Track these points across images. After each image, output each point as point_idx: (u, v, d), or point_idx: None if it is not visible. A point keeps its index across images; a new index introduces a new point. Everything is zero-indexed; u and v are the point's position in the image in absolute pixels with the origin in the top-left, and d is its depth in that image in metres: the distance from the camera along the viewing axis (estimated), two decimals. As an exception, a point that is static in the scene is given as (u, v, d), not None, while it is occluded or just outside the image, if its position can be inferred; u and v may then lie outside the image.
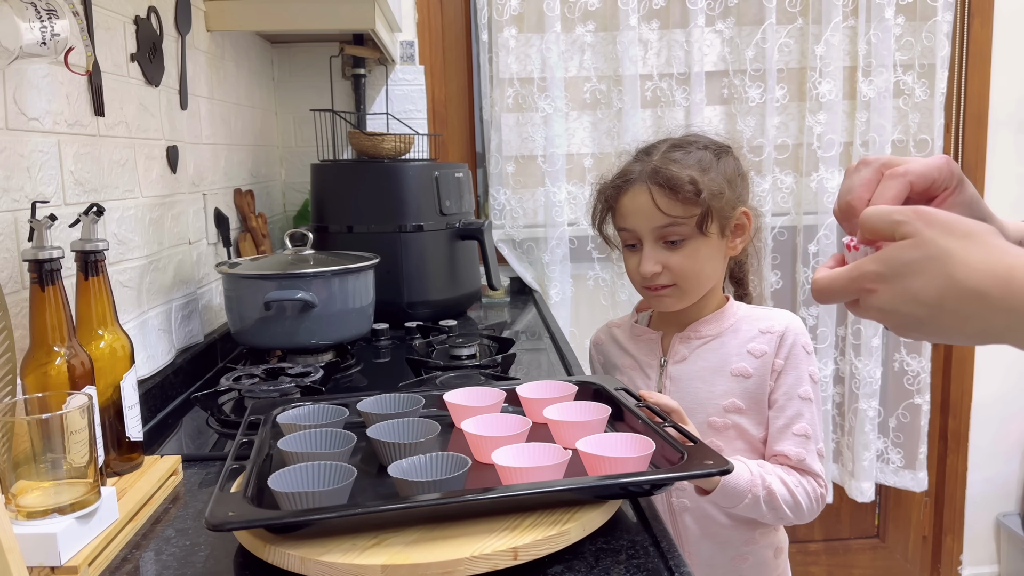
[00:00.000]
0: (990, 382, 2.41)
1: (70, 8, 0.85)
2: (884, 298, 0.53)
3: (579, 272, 2.21)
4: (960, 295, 0.51)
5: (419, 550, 0.65)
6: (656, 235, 1.10)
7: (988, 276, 0.50)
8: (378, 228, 1.66)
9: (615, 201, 1.14)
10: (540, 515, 0.70)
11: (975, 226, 0.52)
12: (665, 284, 1.11)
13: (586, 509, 0.71)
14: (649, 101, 2.16)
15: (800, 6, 2.14)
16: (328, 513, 0.66)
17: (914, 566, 2.52)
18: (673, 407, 0.98)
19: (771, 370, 1.10)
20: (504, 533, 0.67)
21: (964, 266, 0.50)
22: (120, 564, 0.73)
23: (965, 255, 0.51)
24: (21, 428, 0.69)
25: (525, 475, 0.72)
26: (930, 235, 0.51)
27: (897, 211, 0.54)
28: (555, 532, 0.67)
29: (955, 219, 0.52)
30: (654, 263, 1.10)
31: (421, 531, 0.68)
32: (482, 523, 0.69)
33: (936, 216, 0.52)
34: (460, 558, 0.64)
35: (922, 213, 0.53)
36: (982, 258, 0.50)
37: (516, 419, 0.87)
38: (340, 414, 0.92)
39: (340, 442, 0.83)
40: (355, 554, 0.65)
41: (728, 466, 0.72)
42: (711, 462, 0.73)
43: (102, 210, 0.87)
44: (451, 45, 2.23)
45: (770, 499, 1.03)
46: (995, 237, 0.52)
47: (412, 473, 0.74)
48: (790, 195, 2.23)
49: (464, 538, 0.66)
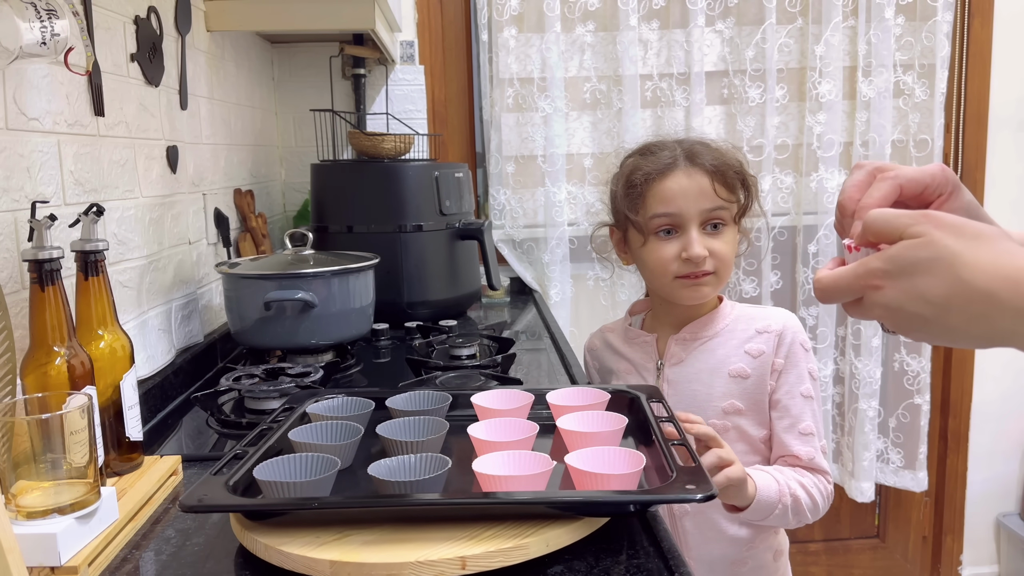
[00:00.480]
0: (990, 382, 2.41)
1: (70, 8, 0.85)
2: (891, 295, 0.52)
3: (579, 272, 2.21)
4: (968, 295, 0.50)
5: (371, 550, 0.65)
6: (702, 218, 1.09)
7: (997, 277, 0.50)
8: (378, 228, 1.66)
9: (650, 187, 1.10)
10: (505, 526, 0.68)
11: (984, 228, 0.52)
12: (708, 271, 1.09)
13: (554, 525, 0.68)
14: (649, 101, 2.16)
15: (800, 6, 2.14)
16: (286, 505, 0.70)
17: (914, 566, 2.52)
18: (709, 434, 0.97)
19: (771, 370, 1.10)
20: (461, 541, 0.66)
21: (973, 267, 0.50)
22: (120, 564, 0.73)
23: (974, 256, 0.50)
24: (21, 428, 0.69)
25: (502, 483, 0.70)
26: (939, 235, 0.51)
27: (905, 214, 0.53)
28: (512, 545, 0.65)
29: (964, 221, 0.52)
30: (702, 247, 1.08)
31: (383, 531, 0.68)
32: (444, 528, 0.68)
33: (945, 219, 0.52)
34: (405, 562, 0.63)
35: (931, 216, 0.52)
36: (991, 259, 0.50)
37: (526, 425, 0.84)
38: (367, 407, 0.93)
39: (349, 435, 0.84)
40: (312, 547, 0.66)
41: (712, 491, 0.67)
42: (692, 486, 0.68)
43: (102, 210, 0.87)
44: (451, 45, 2.23)
45: (796, 506, 1.05)
46: (1004, 240, 0.52)
47: (394, 472, 0.74)
48: (790, 195, 2.23)
49: (418, 542, 0.66)
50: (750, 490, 1.00)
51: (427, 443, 0.81)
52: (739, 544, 1.12)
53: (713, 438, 0.97)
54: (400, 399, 0.94)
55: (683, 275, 1.09)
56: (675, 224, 1.09)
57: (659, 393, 0.94)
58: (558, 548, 0.68)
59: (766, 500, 1.01)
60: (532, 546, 0.66)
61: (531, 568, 0.66)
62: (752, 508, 1.00)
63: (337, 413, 0.92)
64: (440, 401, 0.94)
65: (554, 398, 0.92)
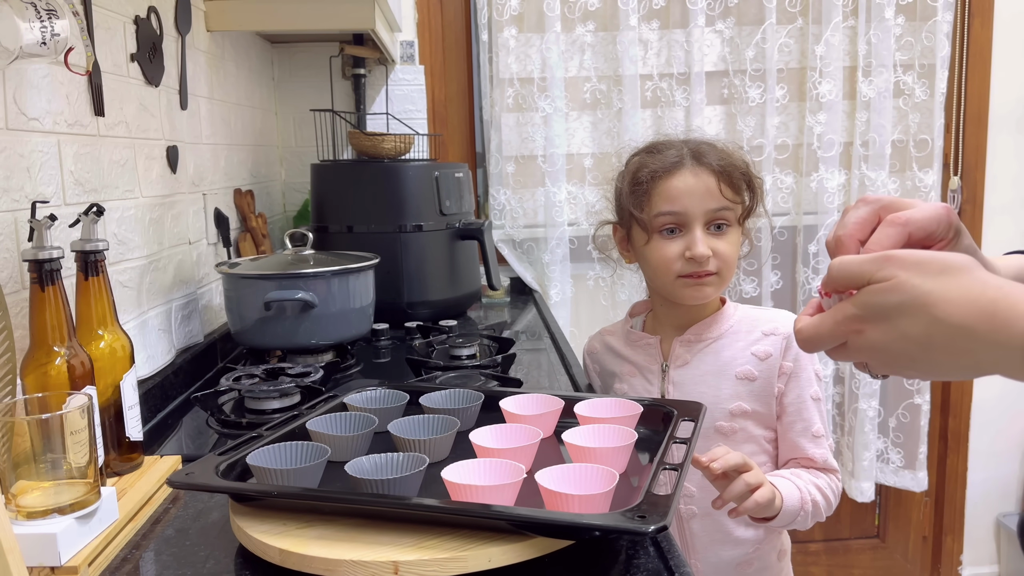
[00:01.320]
0: (990, 382, 2.41)
1: (70, 8, 0.85)
2: (874, 337, 0.53)
3: (579, 272, 2.21)
4: (947, 332, 0.50)
5: (319, 544, 0.66)
6: (707, 218, 1.09)
7: (972, 311, 0.50)
8: (378, 228, 1.66)
9: (656, 185, 1.10)
10: (451, 536, 0.67)
11: (951, 259, 0.52)
12: (710, 271, 1.09)
13: (501, 540, 0.65)
14: (649, 101, 2.16)
15: (800, 6, 2.14)
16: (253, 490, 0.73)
17: (914, 566, 2.51)
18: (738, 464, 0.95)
19: (778, 372, 1.10)
20: (402, 546, 0.65)
21: (945, 303, 0.50)
22: (120, 564, 0.73)
23: (944, 292, 0.50)
24: (21, 428, 0.69)
25: (465, 492, 0.69)
26: (905, 277, 0.51)
27: (868, 260, 0.53)
28: (448, 556, 0.64)
29: (928, 256, 0.52)
30: (706, 246, 1.07)
31: (341, 526, 0.69)
32: (393, 531, 0.67)
33: (908, 258, 0.52)
34: (341, 559, 0.64)
35: (894, 258, 0.52)
36: (962, 293, 0.50)
37: (531, 432, 0.82)
38: (402, 399, 0.96)
39: (363, 426, 0.87)
40: (274, 535, 0.68)
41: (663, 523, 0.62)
42: (643, 517, 0.63)
43: (102, 210, 0.87)
44: (451, 45, 2.23)
45: (815, 509, 1.06)
46: (973, 269, 0.51)
47: (376, 468, 0.75)
48: (790, 195, 2.23)
49: (362, 542, 0.66)
50: (777, 503, 1.00)
51: (434, 442, 0.82)
52: (745, 545, 1.12)
53: (741, 465, 0.95)
54: (436, 396, 0.96)
55: (686, 274, 1.09)
56: (680, 223, 1.09)
57: (697, 411, 0.89)
58: (500, 565, 0.65)
59: (791, 509, 1.02)
60: (471, 559, 0.64)
61: (531, 568, 0.66)
62: (779, 518, 1.02)
63: (373, 405, 0.95)
64: (472, 400, 0.95)
65: (582, 409, 0.89)
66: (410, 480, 0.72)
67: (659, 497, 0.67)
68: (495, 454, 0.78)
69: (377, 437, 0.87)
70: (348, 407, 0.94)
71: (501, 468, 0.73)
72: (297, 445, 0.78)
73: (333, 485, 0.77)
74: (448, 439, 0.84)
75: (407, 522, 0.69)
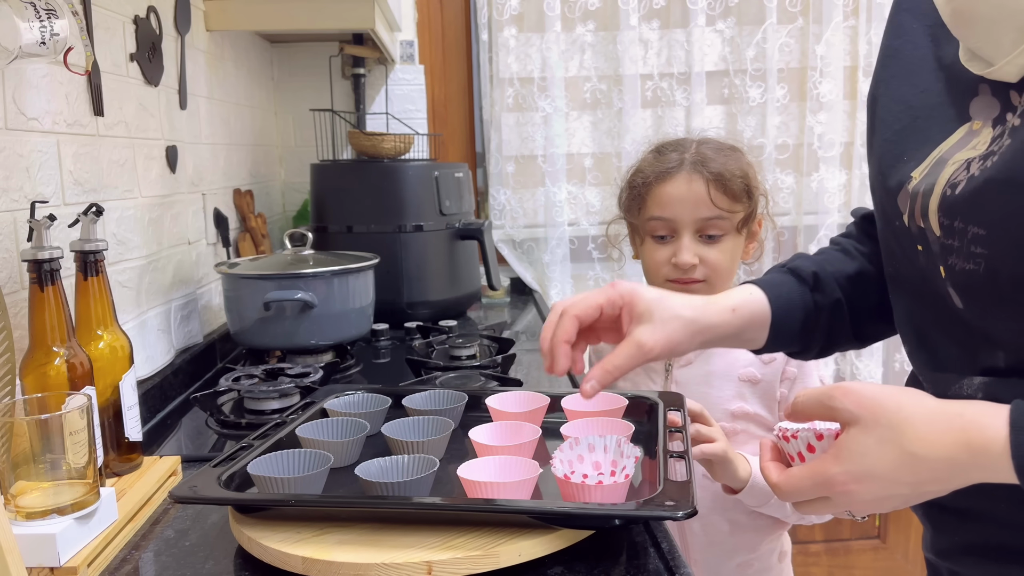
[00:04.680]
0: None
1: (69, 8, 0.85)
2: (866, 493, 0.55)
3: (579, 272, 2.21)
4: (930, 467, 0.53)
5: (343, 549, 0.66)
6: (697, 226, 1.09)
7: (948, 444, 0.52)
8: (378, 228, 1.66)
9: (650, 189, 1.11)
10: (478, 533, 0.67)
11: (900, 396, 0.55)
12: (697, 279, 1.09)
13: (529, 534, 0.67)
14: (649, 101, 2.15)
15: (800, 6, 2.14)
16: (267, 501, 0.71)
17: (915, 567, 2.51)
18: (718, 454, 0.97)
19: (781, 377, 1.10)
20: (432, 546, 0.65)
21: (918, 440, 0.52)
22: (119, 565, 0.73)
23: (913, 430, 0.53)
24: (20, 428, 0.68)
25: (483, 489, 0.69)
26: (869, 416, 0.54)
27: (823, 394, 0.57)
28: (480, 553, 0.65)
29: (880, 393, 0.55)
30: (692, 254, 1.08)
31: (360, 531, 0.68)
32: (418, 532, 0.67)
33: (861, 392, 0.55)
34: (371, 563, 0.63)
35: (847, 391, 0.56)
36: (929, 427, 0.53)
37: (530, 429, 0.83)
38: (384, 403, 0.94)
39: (355, 431, 0.85)
40: (290, 543, 0.67)
41: (691, 508, 0.63)
42: (672, 503, 0.64)
43: (101, 210, 0.87)
44: (451, 45, 2.23)
45: None
46: (923, 399, 0.55)
47: (385, 472, 0.74)
48: (791, 195, 2.23)
49: (389, 545, 0.66)
50: (741, 472, 1.00)
51: (430, 443, 0.81)
52: (745, 547, 1.12)
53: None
54: (417, 398, 0.95)
55: (673, 279, 1.11)
56: (669, 229, 1.11)
57: (680, 400, 0.91)
58: (531, 559, 0.66)
59: (760, 487, 1.00)
60: (503, 555, 0.65)
61: (531, 567, 0.66)
62: (747, 491, 1.00)
63: (355, 409, 0.93)
64: (456, 401, 0.94)
65: (569, 403, 0.90)
66: (424, 481, 0.72)
67: (678, 484, 0.69)
68: (501, 451, 0.78)
69: (367, 440, 0.87)
70: (329, 413, 0.92)
71: (513, 465, 0.74)
72: (296, 453, 0.77)
73: (337, 490, 0.76)
74: (443, 440, 0.84)
75: (429, 523, 0.68)
